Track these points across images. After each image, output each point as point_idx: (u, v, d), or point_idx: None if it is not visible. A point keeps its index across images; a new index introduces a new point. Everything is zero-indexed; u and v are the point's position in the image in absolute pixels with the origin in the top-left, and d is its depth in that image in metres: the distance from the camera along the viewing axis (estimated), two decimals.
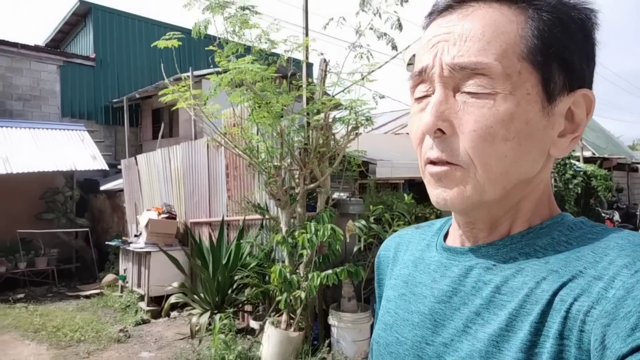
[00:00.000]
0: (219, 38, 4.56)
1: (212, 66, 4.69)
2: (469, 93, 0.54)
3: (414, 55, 4.79)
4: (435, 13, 0.59)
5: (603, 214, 10.73)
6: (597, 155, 15.49)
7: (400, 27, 4.75)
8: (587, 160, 13.40)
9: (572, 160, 11.21)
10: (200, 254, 5.76)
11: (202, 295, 5.38)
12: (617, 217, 10.84)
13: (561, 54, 0.54)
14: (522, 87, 0.53)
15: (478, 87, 0.53)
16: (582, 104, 0.56)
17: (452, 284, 0.60)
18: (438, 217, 5.03)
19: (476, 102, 0.53)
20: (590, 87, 0.57)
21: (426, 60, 0.57)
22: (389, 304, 0.69)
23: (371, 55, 4.76)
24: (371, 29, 4.73)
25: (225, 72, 4.40)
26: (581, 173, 11.35)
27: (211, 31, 4.56)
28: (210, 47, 4.59)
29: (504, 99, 0.53)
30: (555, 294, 0.49)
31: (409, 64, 4.71)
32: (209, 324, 4.88)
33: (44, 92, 12.57)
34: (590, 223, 0.57)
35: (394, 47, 4.83)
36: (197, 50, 13.35)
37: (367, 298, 5.05)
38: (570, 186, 10.78)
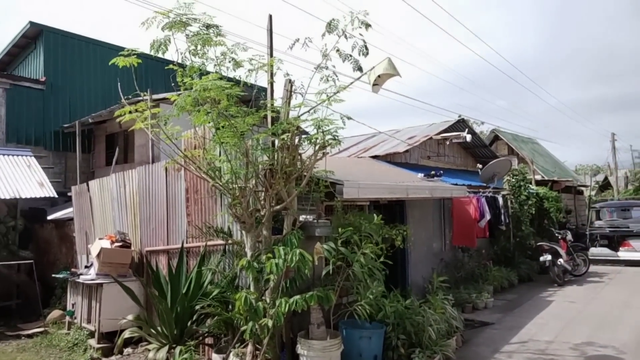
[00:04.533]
0: (181, 56, 4.40)
1: (174, 88, 4.51)
2: None
3: (379, 77, 4.83)
4: None
5: (556, 234, 11.13)
6: (546, 178, 16.26)
7: (366, 51, 4.78)
8: (538, 183, 13.99)
9: (525, 183, 11.65)
10: (158, 284, 5.39)
11: (159, 328, 5.00)
12: (569, 236, 11.27)
13: None
14: None
15: None
16: None
17: None
18: (404, 239, 4.95)
19: None
20: None
21: None
22: None
23: (337, 77, 4.74)
24: (337, 50, 4.73)
25: (188, 90, 4.23)
26: (534, 195, 11.80)
27: (172, 50, 4.40)
28: (171, 66, 4.42)
29: None
30: None
31: (374, 85, 4.71)
32: (167, 359, 4.51)
33: None
34: None
35: (359, 69, 4.84)
36: (154, 74, 13.00)
37: (335, 324, 4.86)
38: (525, 207, 11.15)
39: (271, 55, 5.26)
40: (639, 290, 8.91)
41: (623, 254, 12.48)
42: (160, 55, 4.62)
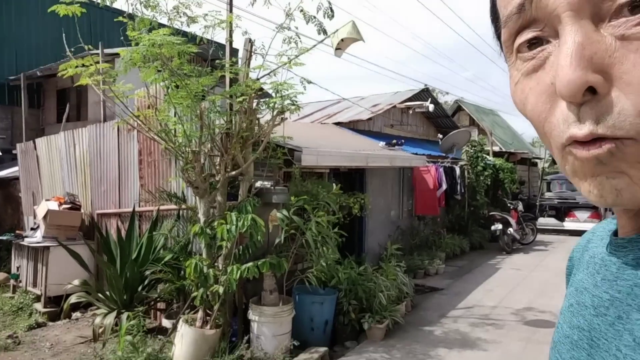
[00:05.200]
0: (132, 8, 4.09)
1: (125, 42, 4.20)
2: (622, 18, 0.34)
3: (342, 40, 4.69)
4: None
5: (509, 204, 11.59)
6: (504, 150, 16.77)
7: (331, 13, 4.61)
8: (495, 155, 14.42)
9: (483, 154, 11.97)
10: (107, 249, 5.22)
11: (108, 293, 4.88)
12: (520, 207, 11.78)
13: None
14: None
15: None
16: None
17: (609, 289, 0.44)
18: (362, 207, 4.97)
19: None
20: None
21: None
22: (559, 317, 0.55)
23: (299, 39, 4.57)
24: (301, 11, 4.53)
25: (136, 45, 3.96)
26: (491, 166, 12.16)
27: (122, 3, 4.08)
28: (120, 19, 4.11)
29: None
30: None
31: (337, 49, 4.57)
32: (116, 324, 4.43)
33: None
34: None
35: (323, 32, 4.68)
36: (110, 28, 12.19)
37: (289, 290, 4.90)
38: (481, 178, 11.49)
39: (230, 11, 4.98)
40: None
41: (568, 224, 13.22)
42: (108, 4, 4.29)
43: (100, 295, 4.90)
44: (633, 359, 0.38)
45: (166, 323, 4.62)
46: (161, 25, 4.17)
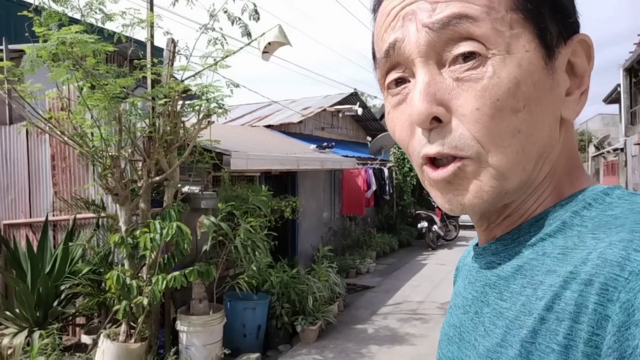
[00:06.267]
0: (38, 2, 3.78)
1: (32, 40, 3.85)
2: (457, 65, 0.44)
3: (269, 44, 4.67)
4: None
5: (433, 203, 12.22)
6: None
7: (257, 15, 4.57)
8: None
9: None
10: (16, 262, 4.77)
11: (17, 311, 4.45)
12: None
13: None
14: (518, 43, 0.44)
15: (468, 50, 0.44)
16: (580, 52, 0.48)
17: (472, 291, 0.53)
18: (294, 210, 4.99)
19: (472, 74, 0.44)
20: (579, 30, 0.50)
21: (393, 35, 0.47)
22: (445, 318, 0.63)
23: (225, 40, 4.49)
24: (225, 12, 4.46)
25: (45, 43, 3.65)
26: None
27: None
28: (24, 12, 3.77)
29: (502, 62, 0.43)
30: (549, 306, 0.40)
31: (264, 52, 4.55)
32: (27, 344, 4.05)
33: None
34: (620, 192, 0.45)
35: (248, 34, 4.63)
36: (18, 22, 11.18)
37: (220, 297, 4.79)
38: (408, 179, 12.02)
39: (151, 10, 4.77)
40: None
41: None
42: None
43: (8, 313, 4.46)
44: (484, 346, 0.46)
45: (85, 339, 4.31)
46: (73, 21, 3.89)
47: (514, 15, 0.44)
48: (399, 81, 0.49)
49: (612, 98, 19.12)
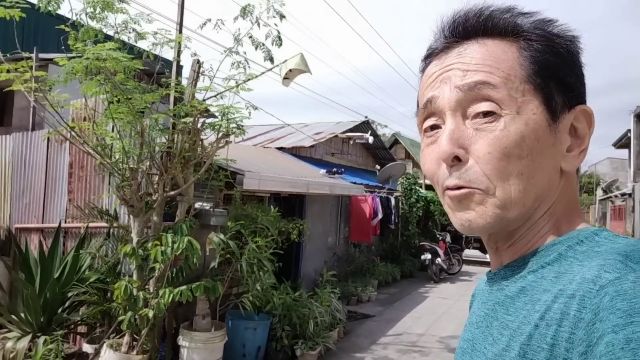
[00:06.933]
0: (76, 18, 3.98)
1: (64, 50, 4.03)
2: (478, 119, 0.57)
3: (290, 70, 4.84)
4: (433, 55, 0.64)
5: (438, 235, 12.21)
6: None
7: (280, 41, 4.74)
8: (427, 187, 15.20)
9: (416, 187, 12.58)
10: (26, 266, 4.84)
11: (22, 315, 4.50)
12: (448, 238, 12.42)
13: (557, 75, 0.58)
14: (527, 107, 0.56)
15: (487, 109, 0.56)
16: (582, 119, 0.60)
17: (484, 309, 0.64)
18: (300, 233, 5.06)
19: (487, 126, 0.57)
20: (585, 103, 0.62)
21: (432, 93, 0.61)
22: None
23: (248, 64, 4.65)
24: (250, 37, 4.64)
25: (79, 57, 3.83)
26: (423, 198, 12.80)
27: (65, 9, 3.95)
28: (62, 27, 3.97)
29: (513, 120, 0.56)
30: (542, 316, 0.50)
31: (284, 78, 4.71)
32: (29, 349, 4.09)
33: None
34: (606, 234, 0.56)
35: (271, 59, 4.80)
36: (45, 31, 11.54)
37: (222, 315, 4.81)
38: (414, 209, 12.04)
39: (180, 31, 4.98)
40: None
41: None
42: (51, 12, 4.14)
43: (13, 316, 4.50)
44: (492, 352, 0.57)
45: (87, 348, 4.34)
46: (107, 38, 4.08)
47: (526, 86, 0.57)
48: (433, 127, 0.62)
49: (622, 143, 19.18)
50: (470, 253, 14.30)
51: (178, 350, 4.19)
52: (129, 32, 4.04)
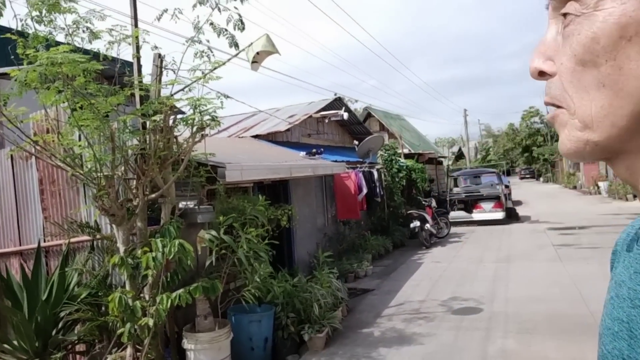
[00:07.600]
0: (21, 24, 3.69)
1: (14, 62, 3.74)
2: (565, 23, 0.47)
3: (257, 53, 4.66)
4: None
5: (423, 202, 12.31)
6: (413, 151, 17.82)
7: (242, 25, 4.55)
8: (406, 156, 15.27)
9: (396, 157, 12.60)
10: (10, 292, 4.61)
11: (15, 342, 4.30)
12: (434, 203, 12.56)
13: None
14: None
15: (565, 11, 0.47)
16: None
17: None
18: (290, 218, 4.96)
19: (566, 31, 0.47)
20: None
21: None
22: (603, 310, 0.57)
23: (212, 52, 4.45)
24: (211, 24, 4.42)
25: (32, 64, 3.56)
26: (404, 167, 12.85)
27: (6, 20, 3.65)
28: (8, 35, 3.68)
29: (588, 19, 0.45)
30: None
31: (253, 62, 4.53)
32: None
33: None
34: None
35: (236, 45, 4.61)
36: None
37: (224, 312, 4.71)
38: (397, 179, 12.09)
39: (136, 25, 4.71)
40: (488, 247, 10.36)
41: (476, 215, 14.38)
42: None
43: (6, 346, 4.30)
44: None
45: None
46: (58, 43, 3.81)
47: None
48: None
49: None
50: (455, 214, 14.51)
51: (184, 354, 4.08)
52: (82, 32, 3.78)
